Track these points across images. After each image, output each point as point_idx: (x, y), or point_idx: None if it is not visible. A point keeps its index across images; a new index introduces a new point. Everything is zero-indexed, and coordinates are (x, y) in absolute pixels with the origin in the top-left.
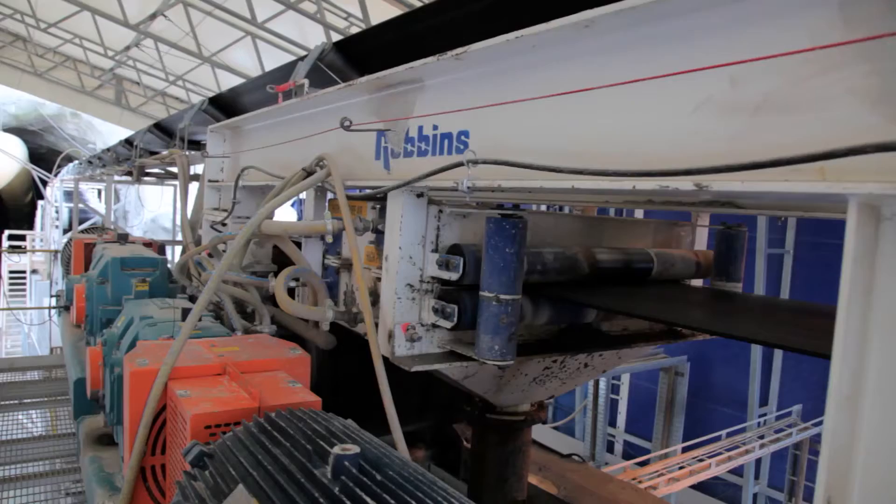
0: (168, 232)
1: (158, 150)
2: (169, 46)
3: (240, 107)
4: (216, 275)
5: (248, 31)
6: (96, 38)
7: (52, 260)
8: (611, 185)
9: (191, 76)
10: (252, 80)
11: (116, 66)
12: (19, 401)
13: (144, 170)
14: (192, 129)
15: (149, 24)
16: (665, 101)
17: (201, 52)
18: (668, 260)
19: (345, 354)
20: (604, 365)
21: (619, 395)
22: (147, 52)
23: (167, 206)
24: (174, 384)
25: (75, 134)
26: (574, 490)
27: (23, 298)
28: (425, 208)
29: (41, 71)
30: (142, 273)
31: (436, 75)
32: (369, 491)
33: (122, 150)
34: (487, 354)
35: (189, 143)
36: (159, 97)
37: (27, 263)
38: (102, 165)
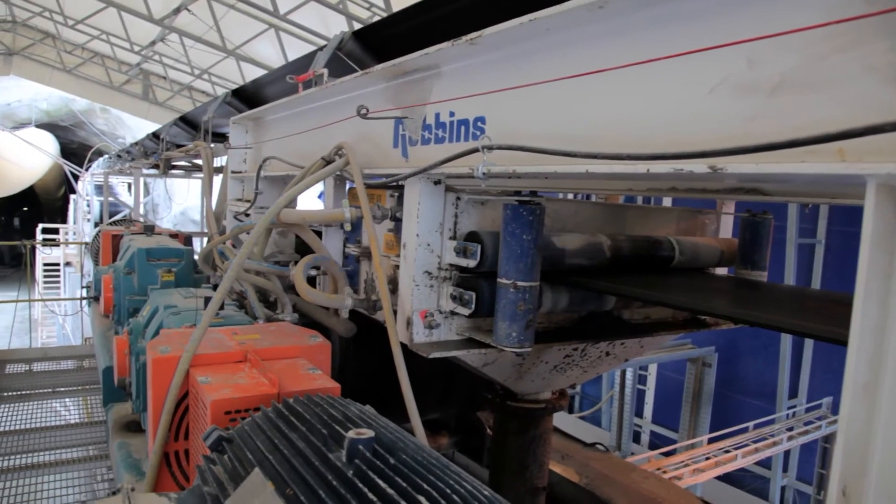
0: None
1: (184, 143)
2: (193, 40)
3: (262, 98)
4: (236, 262)
5: (271, 24)
6: (122, 34)
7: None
8: (625, 169)
9: (216, 70)
10: (273, 71)
11: (143, 61)
12: (53, 389)
13: (171, 163)
14: (216, 121)
15: (173, 18)
16: (680, 83)
17: (225, 46)
18: (691, 248)
19: (366, 342)
20: (626, 353)
21: (646, 386)
22: (172, 46)
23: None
24: (196, 371)
25: (105, 129)
26: (596, 479)
27: (57, 290)
28: (443, 195)
29: (70, 67)
30: (167, 263)
31: (451, 61)
32: (382, 474)
33: (149, 143)
34: (505, 341)
35: (214, 136)
36: (186, 91)
37: (60, 256)
38: (131, 159)
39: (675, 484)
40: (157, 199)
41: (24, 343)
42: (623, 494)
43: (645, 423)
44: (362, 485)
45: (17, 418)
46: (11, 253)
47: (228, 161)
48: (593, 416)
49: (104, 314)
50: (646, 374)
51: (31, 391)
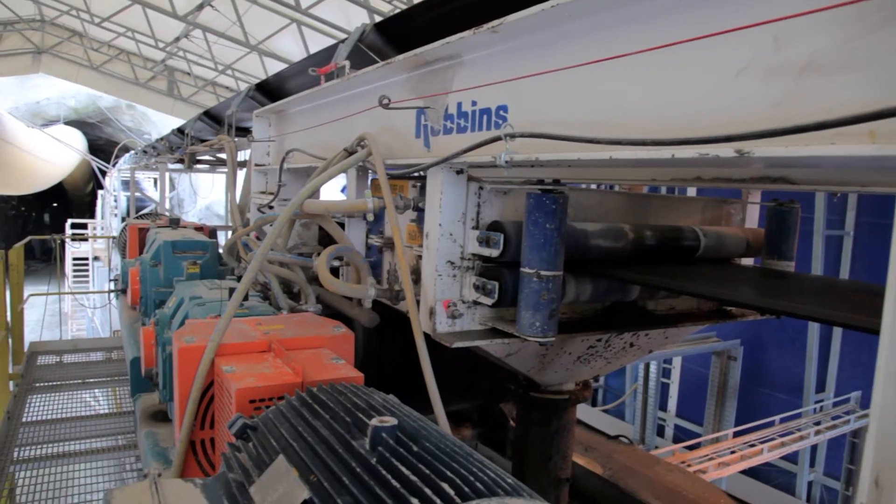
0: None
1: (209, 138)
2: (217, 36)
3: (284, 91)
4: (259, 253)
5: (293, 18)
6: (147, 31)
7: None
8: (649, 155)
9: (239, 65)
10: (295, 64)
11: (167, 58)
12: (82, 380)
13: (195, 157)
14: (239, 115)
15: (197, 14)
16: (705, 67)
17: (248, 41)
18: (717, 238)
19: (390, 333)
20: (650, 345)
21: (670, 379)
22: (196, 42)
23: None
24: (221, 360)
25: (131, 125)
26: (620, 471)
27: (86, 284)
28: (465, 185)
29: (97, 64)
30: (192, 256)
31: (473, 50)
32: (406, 461)
33: (174, 138)
34: (528, 331)
35: (237, 130)
36: (209, 86)
37: (89, 251)
38: (157, 154)
39: (699, 477)
40: (183, 194)
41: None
42: (647, 487)
43: (669, 417)
44: (386, 472)
45: (49, 408)
46: (42, 248)
47: (252, 154)
48: (617, 410)
49: (131, 306)
50: (670, 367)
51: (62, 382)
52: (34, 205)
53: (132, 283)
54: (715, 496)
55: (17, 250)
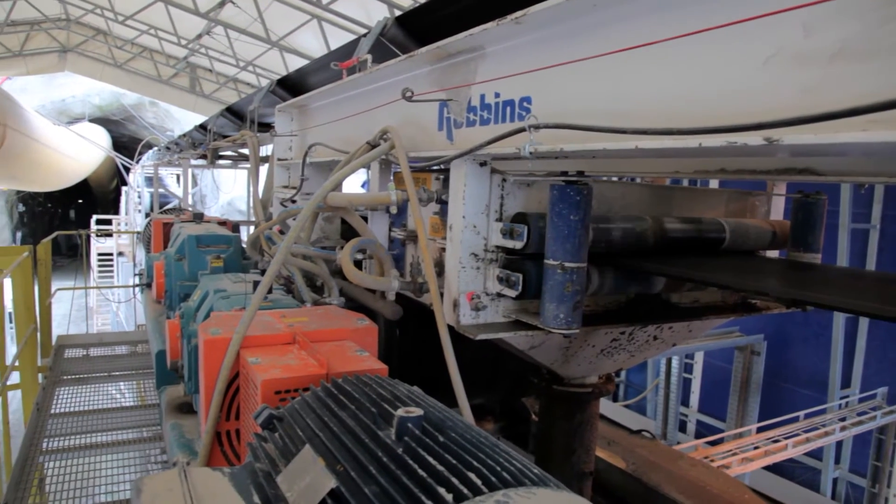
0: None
1: (231, 134)
2: (238, 33)
3: (306, 86)
4: (284, 246)
5: (313, 14)
6: (170, 28)
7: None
8: (675, 144)
9: (260, 61)
10: (317, 59)
11: (190, 55)
12: (108, 373)
13: (218, 152)
14: (261, 110)
15: (218, 11)
16: (732, 55)
17: (269, 37)
18: (742, 230)
19: (412, 326)
20: (674, 338)
21: (692, 374)
22: (218, 39)
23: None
24: (246, 352)
25: (154, 122)
26: (643, 465)
27: (110, 279)
28: (488, 177)
29: (121, 62)
30: (216, 250)
31: (496, 41)
32: (432, 451)
33: (197, 134)
34: (552, 323)
35: (259, 126)
36: (231, 83)
37: (114, 246)
38: (179, 151)
39: (723, 472)
40: (205, 189)
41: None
42: (670, 481)
43: (691, 412)
44: (412, 461)
45: (76, 400)
46: (67, 244)
47: (274, 149)
48: (638, 405)
49: (156, 300)
50: (692, 362)
51: (88, 375)
52: (60, 201)
53: (157, 276)
54: (739, 491)
55: (45, 246)
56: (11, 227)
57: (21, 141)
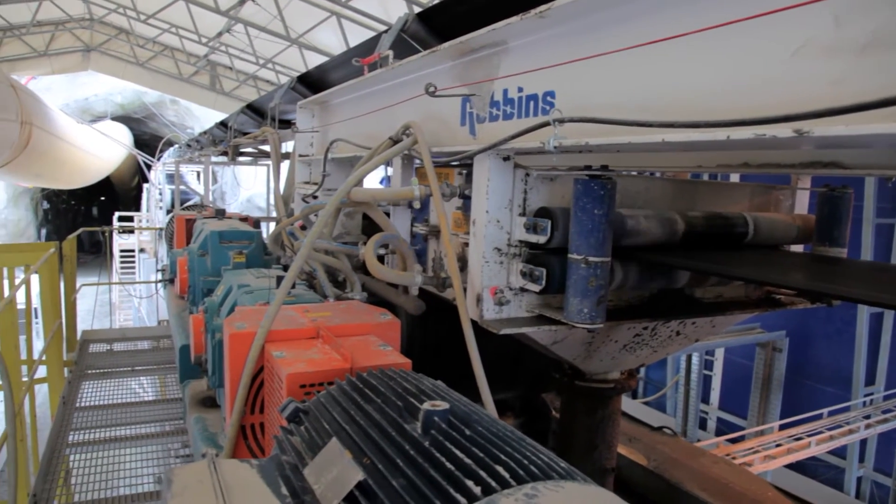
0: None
1: (251, 131)
2: (258, 30)
3: (326, 83)
4: (307, 241)
5: (332, 11)
6: (191, 26)
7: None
8: (703, 137)
9: (280, 58)
10: (338, 56)
11: (210, 53)
12: (131, 368)
13: (239, 149)
14: (282, 107)
15: (238, 9)
16: (760, 46)
17: (289, 35)
18: (766, 224)
19: (433, 321)
20: (697, 333)
21: (712, 371)
22: (238, 37)
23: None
24: (271, 346)
25: (175, 120)
26: (664, 462)
27: (132, 275)
28: (512, 172)
29: (142, 61)
30: (238, 245)
31: (519, 36)
32: (458, 445)
33: (217, 132)
34: (576, 317)
35: (279, 122)
36: (251, 80)
37: (135, 242)
38: (200, 148)
39: (745, 469)
40: (225, 186)
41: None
42: (692, 478)
43: (711, 410)
44: (439, 454)
45: (100, 394)
46: (90, 241)
47: (296, 145)
48: (658, 402)
49: (179, 296)
50: (712, 359)
51: (112, 369)
52: (83, 199)
53: (181, 272)
54: (762, 489)
55: (71, 242)
56: (36, 224)
57: (46, 139)
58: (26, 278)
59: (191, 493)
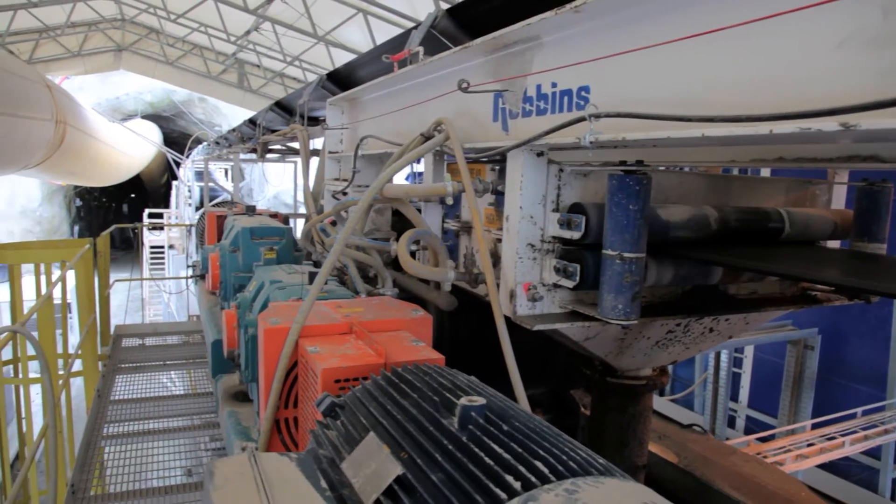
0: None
1: (279, 128)
2: (286, 28)
3: (355, 80)
4: (341, 237)
5: (359, 8)
6: (219, 25)
7: (187, 235)
8: (744, 131)
9: (306, 56)
10: (366, 53)
11: (238, 51)
12: (163, 362)
13: (267, 146)
14: (310, 104)
15: (266, 7)
16: (805, 39)
17: (316, 32)
18: (802, 220)
19: (462, 317)
20: (730, 330)
21: (741, 369)
22: (265, 35)
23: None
24: (305, 342)
25: (203, 118)
26: (695, 460)
27: (162, 271)
28: (545, 167)
29: (172, 60)
30: (269, 242)
31: (553, 31)
32: (496, 440)
33: (246, 129)
34: (611, 314)
35: (308, 120)
36: (278, 78)
37: (165, 239)
38: (228, 145)
39: (777, 468)
40: (252, 183)
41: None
42: (723, 476)
43: (740, 408)
44: (477, 449)
45: (132, 388)
46: (120, 237)
47: (325, 142)
48: (685, 400)
49: (210, 291)
50: (741, 356)
51: (144, 363)
52: (114, 196)
53: (213, 268)
54: (795, 488)
55: (104, 238)
56: (69, 221)
57: (80, 138)
58: (63, 274)
59: (232, 484)
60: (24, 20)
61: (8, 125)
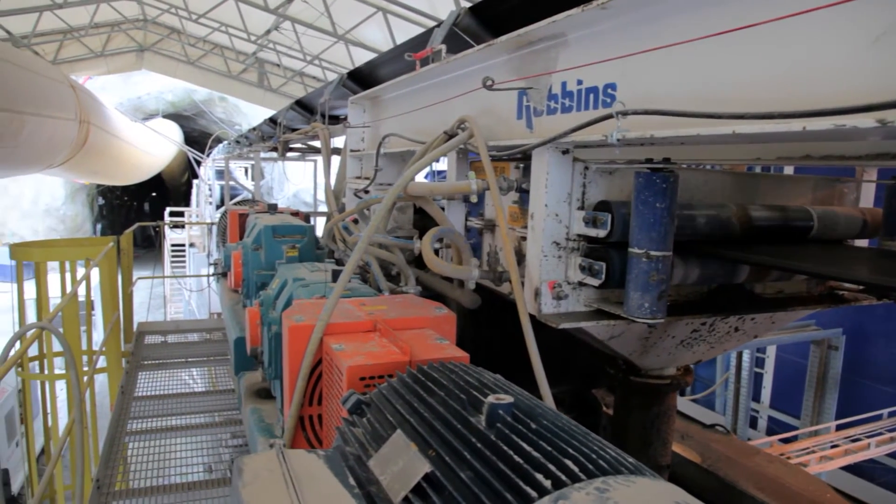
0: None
1: (300, 127)
2: (305, 27)
3: (376, 79)
4: (366, 235)
5: (378, 7)
6: (240, 25)
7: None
8: (777, 128)
9: (326, 55)
10: (387, 51)
11: (258, 50)
12: (185, 359)
13: (288, 145)
14: (331, 103)
15: (286, 7)
16: (839, 34)
17: (336, 31)
18: (830, 218)
19: (484, 315)
20: (755, 330)
21: (763, 369)
22: (286, 34)
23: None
24: (329, 339)
25: (223, 117)
26: (719, 460)
27: (183, 268)
28: (571, 165)
29: (193, 59)
30: (292, 240)
31: (579, 28)
32: (525, 438)
33: (266, 128)
34: (637, 312)
35: (328, 118)
36: (297, 77)
37: (186, 237)
38: (249, 144)
39: (802, 469)
40: (271, 182)
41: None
42: (747, 477)
43: (762, 408)
44: (506, 447)
45: (154, 385)
46: (142, 235)
47: (347, 140)
48: (706, 400)
49: (232, 289)
50: (764, 356)
51: (166, 360)
52: (136, 195)
53: (235, 265)
54: (820, 490)
55: (128, 236)
56: (92, 219)
57: (103, 137)
58: (87, 272)
59: (262, 481)
60: (49, 22)
61: (34, 125)
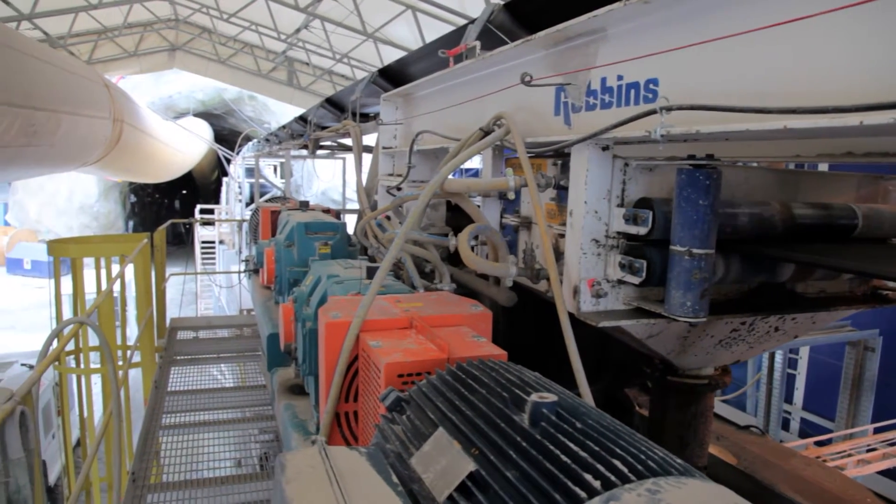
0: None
1: (330, 124)
2: (335, 26)
3: (407, 76)
4: (402, 232)
5: (408, 5)
6: (270, 24)
7: (237, 231)
8: (832, 123)
9: (355, 53)
10: (418, 49)
11: (288, 49)
12: (217, 355)
13: (319, 143)
14: (362, 101)
15: (316, 5)
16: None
17: (365, 29)
18: (876, 216)
19: (519, 313)
20: (796, 330)
21: (796, 370)
22: (315, 32)
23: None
24: (366, 336)
25: (252, 115)
26: (754, 462)
27: (212, 265)
28: (611, 162)
29: (224, 58)
30: (324, 237)
31: (620, 23)
32: (571, 437)
33: (296, 126)
34: (679, 311)
35: (359, 116)
36: (326, 75)
37: (216, 234)
38: (278, 142)
39: (839, 472)
40: (300, 180)
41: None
42: (784, 480)
43: (795, 410)
44: (553, 446)
45: (186, 380)
46: (172, 232)
47: (379, 137)
48: (737, 400)
49: (264, 286)
50: (797, 357)
51: (198, 356)
52: (167, 192)
53: (268, 262)
54: (860, 494)
55: (161, 233)
56: (124, 216)
57: (135, 136)
58: (122, 269)
59: (305, 477)
60: (84, 22)
61: (70, 123)
